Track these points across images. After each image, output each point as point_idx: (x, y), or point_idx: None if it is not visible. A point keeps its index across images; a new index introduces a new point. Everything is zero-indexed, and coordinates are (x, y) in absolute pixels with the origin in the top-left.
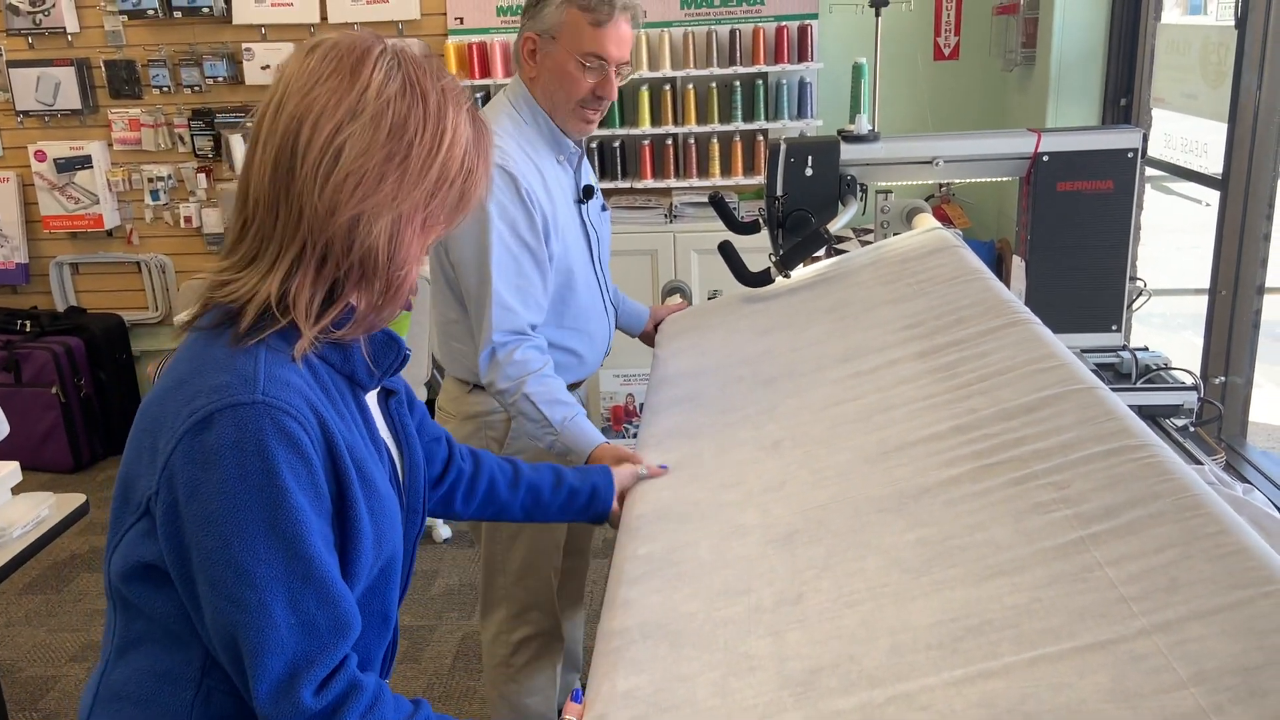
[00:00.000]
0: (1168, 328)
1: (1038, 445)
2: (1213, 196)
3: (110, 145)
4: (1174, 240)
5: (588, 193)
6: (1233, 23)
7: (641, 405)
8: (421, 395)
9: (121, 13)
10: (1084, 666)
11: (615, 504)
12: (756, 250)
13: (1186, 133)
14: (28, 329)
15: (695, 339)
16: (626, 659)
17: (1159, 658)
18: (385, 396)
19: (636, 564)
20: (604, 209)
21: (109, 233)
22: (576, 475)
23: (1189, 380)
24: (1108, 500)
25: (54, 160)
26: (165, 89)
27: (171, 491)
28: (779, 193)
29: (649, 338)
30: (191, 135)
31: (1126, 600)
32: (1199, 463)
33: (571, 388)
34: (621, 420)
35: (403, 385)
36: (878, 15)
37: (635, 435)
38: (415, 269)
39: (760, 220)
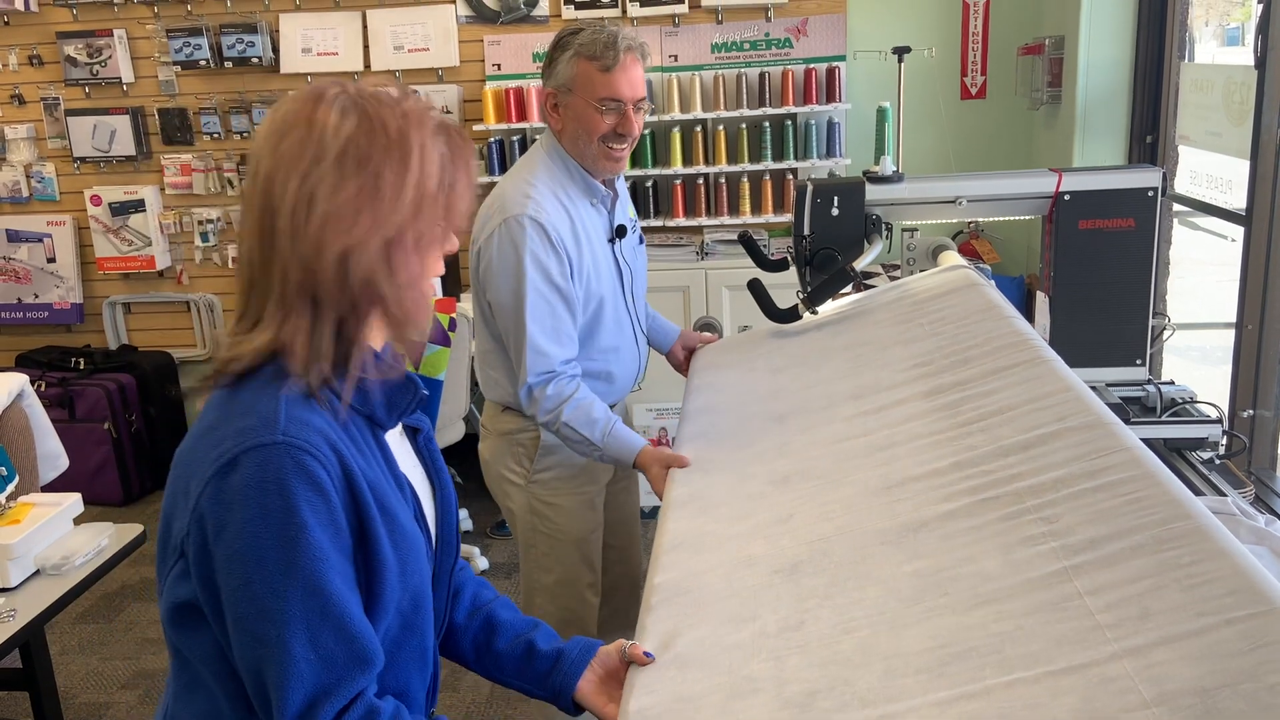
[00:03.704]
0: (1207, 361)
1: (1031, 481)
2: (1238, 233)
3: (162, 189)
4: (1213, 274)
5: (620, 232)
6: (1253, 62)
7: (674, 439)
8: (459, 431)
9: (175, 63)
10: (1058, 688)
11: (599, 699)
12: (786, 287)
13: (1212, 169)
14: (81, 366)
15: (716, 376)
16: (640, 680)
17: (1126, 680)
18: (413, 433)
19: (654, 592)
20: (640, 242)
21: (160, 273)
22: (547, 639)
23: (1214, 414)
24: (1092, 533)
25: (108, 204)
26: (216, 135)
27: (201, 532)
28: (806, 232)
29: (675, 359)
30: (240, 179)
31: (1101, 627)
32: (1222, 494)
33: None
34: None
35: (426, 424)
36: (900, 62)
37: None
38: (424, 285)
39: (789, 258)
